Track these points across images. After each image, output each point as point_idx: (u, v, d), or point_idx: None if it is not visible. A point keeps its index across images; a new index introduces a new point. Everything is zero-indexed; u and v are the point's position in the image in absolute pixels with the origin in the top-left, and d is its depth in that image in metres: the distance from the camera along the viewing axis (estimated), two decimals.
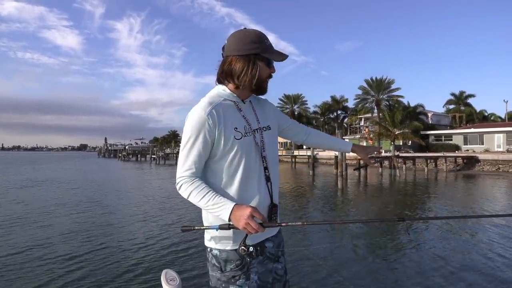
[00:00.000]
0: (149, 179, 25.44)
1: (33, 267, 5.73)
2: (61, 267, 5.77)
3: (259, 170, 1.54)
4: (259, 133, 1.57)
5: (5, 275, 5.34)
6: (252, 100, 1.64)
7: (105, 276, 5.37)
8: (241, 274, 1.50)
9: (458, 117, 53.21)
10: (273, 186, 1.58)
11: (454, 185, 20.12)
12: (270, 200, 1.55)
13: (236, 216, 1.37)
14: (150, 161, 57.77)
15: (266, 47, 1.52)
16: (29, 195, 14.72)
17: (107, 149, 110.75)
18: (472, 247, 6.76)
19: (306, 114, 59.83)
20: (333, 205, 12.98)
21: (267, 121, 1.65)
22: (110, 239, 7.61)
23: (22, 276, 5.32)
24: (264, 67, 1.53)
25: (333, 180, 22.38)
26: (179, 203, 12.29)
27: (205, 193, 1.43)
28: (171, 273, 2.18)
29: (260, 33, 1.55)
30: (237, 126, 1.51)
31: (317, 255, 6.22)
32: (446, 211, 11.33)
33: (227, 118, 1.49)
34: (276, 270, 1.63)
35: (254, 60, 1.50)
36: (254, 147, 1.53)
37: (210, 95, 1.55)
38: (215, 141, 1.47)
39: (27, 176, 25.57)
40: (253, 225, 1.35)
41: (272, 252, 1.61)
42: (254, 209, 1.38)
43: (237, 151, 1.48)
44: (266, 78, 1.55)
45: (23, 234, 7.85)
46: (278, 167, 1.67)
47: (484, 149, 36.65)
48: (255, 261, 1.53)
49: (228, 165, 1.50)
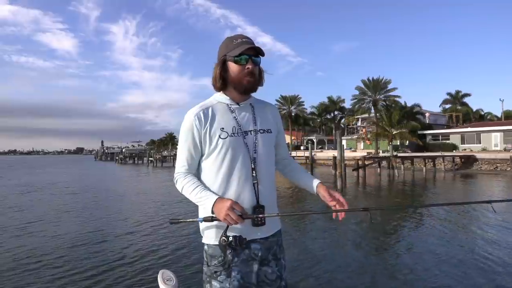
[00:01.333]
0: (146, 181, 25.26)
1: (28, 270, 5.59)
2: (57, 267, 5.72)
3: (245, 170, 1.58)
4: (252, 135, 1.62)
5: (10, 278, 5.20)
6: (255, 104, 1.71)
7: (101, 276, 5.33)
8: (222, 270, 1.55)
9: (455, 116, 53.37)
10: (260, 187, 1.59)
11: (453, 184, 20.10)
12: (255, 201, 1.58)
13: (218, 208, 1.48)
14: (147, 164, 57.52)
15: (232, 46, 1.59)
16: (29, 200, 14.52)
17: (104, 152, 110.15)
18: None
19: (303, 115, 59.77)
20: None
21: (268, 124, 1.69)
22: (107, 239, 7.59)
23: (16, 279, 5.15)
24: (233, 65, 1.59)
25: (331, 181, 22.31)
26: (175, 203, 12.19)
27: (194, 187, 1.56)
28: (168, 273, 2.19)
29: (232, 36, 1.65)
30: (224, 126, 1.59)
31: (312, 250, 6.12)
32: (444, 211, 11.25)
33: (214, 119, 1.59)
34: (265, 274, 1.62)
35: (222, 62, 1.61)
36: (243, 148, 1.59)
37: (208, 99, 1.69)
38: (202, 140, 1.59)
39: (24, 181, 25.30)
40: (233, 216, 1.43)
41: (257, 253, 1.59)
42: (234, 202, 1.48)
43: (221, 150, 1.57)
44: (241, 75, 1.59)
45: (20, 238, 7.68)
46: (274, 170, 1.72)
47: (481, 148, 36.75)
48: (237, 259, 1.55)
49: (213, 163, 1.59)
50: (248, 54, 1.58)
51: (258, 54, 1.62)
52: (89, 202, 13.63)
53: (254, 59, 1.60)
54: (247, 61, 1.58)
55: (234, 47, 1.58)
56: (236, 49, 1.57)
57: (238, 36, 1.63)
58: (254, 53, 1.60)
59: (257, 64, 1.62)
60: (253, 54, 1.60)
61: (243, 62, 1.58)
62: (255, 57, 1.61)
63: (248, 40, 1.61)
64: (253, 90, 1.65)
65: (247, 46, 1.57)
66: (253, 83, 1.61)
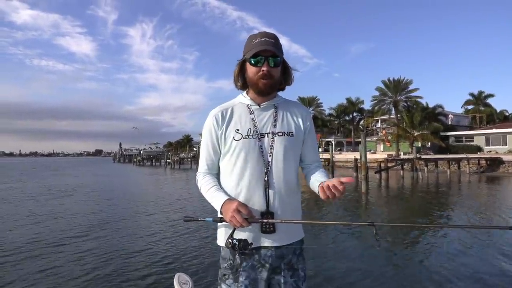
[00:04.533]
0: (164, 183, 25.30)
1: (43, 270, 5.61)
2: (73, 268, 5.68)
3: (257, 173, 1.53)
4: (269, 137, 1.56)
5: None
6: (281, 105, 1.64)
7: (117, 278, 5.28)
8: (230, 274, 1.54)
9: (478, 117, 51.92)
10: (272, 193, 1.52)
11: (479, 188, 19.38)
12: (265, 207, 1.51)
13: (225, 209, 1.46)
14: (165, 166, 57.86)
15: (251, 46, 1.53)
16: (53, 205, 14.63)
17: (122, 154, 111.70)
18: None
19: (321, 116, 59.19)
20: (362, 208, 12.54)
21: (290, 127, 1.61)
22: (124, 241, 7.54)
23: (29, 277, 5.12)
24: (250, 67, 1.54)
25: (353, 184, 21.92)
26: (194, 207, 12.05)
27: (209, 187, 1.56)
28: (184, 277, 2.19)
29: (254, 34, 1.58)
30: (240, 128, 1.56)
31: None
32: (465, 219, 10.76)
33: (231, 120, 1.58)
34: (278, 283, 1.55)
35: (240, 64, 1.59)
36: (257, 150, 1.53)
37: (232, 100, 1.67)
38: (219, 140, 1.59)
39: (52, 183, 25.68)
40: (238, 218, 1.40)
41: (267, 260, 1.53)
42: (241, 204, 1.45)
43: (234, 152, 1.54)
44: (257, 77, 1.53)
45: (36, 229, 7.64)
46: (294, 177, 1.59)
47: (507, 150, 35.53)
48: (246, 264, 1.52)
49: (227, 164, 1.59)
50: (264, 55, 1.50)
51: (275, 54, 1.52)
52: (108, 203, 13.64)
53: (271, 60, 1.51)
54: (263, 62, 1.50)
55: (252, 47, 1.52)
56: (252, 50, 1.51)
57: (259, 34, 1.55)
58: (272, 53, 1.51)
59: (276, 65, 1.53)
60: (271, 55, 1.51)
61: (258, 64, 1.51)
62: (273, 57, 1.51)
63: (266, 40, 1.52)
64: (271, 92, 1.59)
65: (262, 48, 1.49)
66: (270, 85, 1.54)
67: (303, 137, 1.64)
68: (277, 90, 1.65)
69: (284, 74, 1.61)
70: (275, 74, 1.54)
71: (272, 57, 1.51)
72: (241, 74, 1.60)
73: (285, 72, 1.61)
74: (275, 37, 1.55)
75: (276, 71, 1.54)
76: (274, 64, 1.52)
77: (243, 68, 1.58)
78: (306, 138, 1.66)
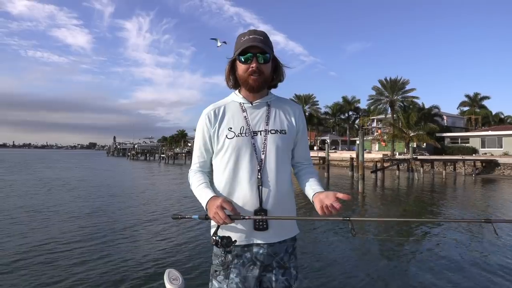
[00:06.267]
0: (158, 179, 24.90)
1: (33, 267, 5.43)
2: (62, 265, 5.53)
3: (250, 171, 1.52)
4: (262, 135, 1.56)
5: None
6: (274, 102, 1.64)
7: (107, 274, 5.18)
8: (221, 270, 1.54)
9: (474, 119, 52.01)
10: (265, 191, 1.52)
11: (474, 189, 19.27)
12: (258, 205, 1.50)
13: (209, 206, 1.45)
14: (159, 161, 57.43)
15: (240, 44, 1.53)
16: (41, 196, 14.25)
17: (116, 148, 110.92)
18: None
19: (317, 114, 58.94)
20: (358, 208, 12.28)
21: (283, 125, 1.60)
22: (113, 237, 7.42)
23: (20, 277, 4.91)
24: (240, 64, 1.55)
25: (348, 182, 21.73)
26: (185, 203, 11.98)
27: (198, 185, 1.57)
28: (174, 273, 2.18)
29: (243, 32, 1.58)
30: (232, 126, 1.56)
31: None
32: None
33: (224, 118, 1.58)
34: (270, 281, 1.55)
35: (231, 63, 1.59)
36: (250, 148, 1.53)
37: (225, 98, 1.67)
38: (211, 139, 1.60)
39: (41, 175, 25.21)
40: (221, 215, 1.39)
41: (259, 258, 1.53)
42: (225, 201, 1.43)
43: (227, 150, 1.55)
44: (247, 74, 1.53)
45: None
46: (287, 174, 1.60)
47: (502, 152, 35.55)
48: (237, 261, 1.52)
49: (220, 162, 1.58)
50: (253, 52, 1.51)
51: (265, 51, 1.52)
52: (98, 198, 13.29)
53: (260, 56, 1.51)
54: (252, 59, 1.51)
55: (241, 45, 1.52)
56: (241, 48, 1.51)
57: (247, 32, 1.57)
58: (261, 50, 1.51)
59: (265, 61, 1.53)
60: (260, 51, 1.51)
61: (247, 61, 1.52)
62: (262, 53, 1.51)
63: (255, 37, 1.52)
64: (262, 88, 1.59)
65: (249, 44, 1.50)
66: (260, 82, 1.54)
67: (296, 134, 1.65)
68: (269, 87, 1.65)
69: (275, 71, 1.61)
70: (265, 70, 1.54)
71: (261, 53, 1.52)
72: (232, 73, 1.61)
73: (276, 68, 1.61)
74: (264, 35, 1.56)
75: (265, 67, 1.54)
76: (263, 60, 1.52)
77: (234, 67, 1.59)
78: (298, 136, 1.66)
